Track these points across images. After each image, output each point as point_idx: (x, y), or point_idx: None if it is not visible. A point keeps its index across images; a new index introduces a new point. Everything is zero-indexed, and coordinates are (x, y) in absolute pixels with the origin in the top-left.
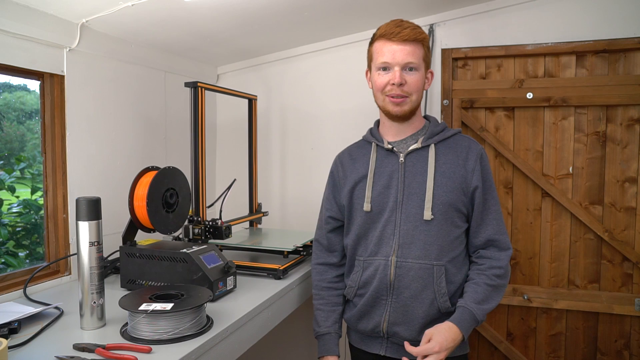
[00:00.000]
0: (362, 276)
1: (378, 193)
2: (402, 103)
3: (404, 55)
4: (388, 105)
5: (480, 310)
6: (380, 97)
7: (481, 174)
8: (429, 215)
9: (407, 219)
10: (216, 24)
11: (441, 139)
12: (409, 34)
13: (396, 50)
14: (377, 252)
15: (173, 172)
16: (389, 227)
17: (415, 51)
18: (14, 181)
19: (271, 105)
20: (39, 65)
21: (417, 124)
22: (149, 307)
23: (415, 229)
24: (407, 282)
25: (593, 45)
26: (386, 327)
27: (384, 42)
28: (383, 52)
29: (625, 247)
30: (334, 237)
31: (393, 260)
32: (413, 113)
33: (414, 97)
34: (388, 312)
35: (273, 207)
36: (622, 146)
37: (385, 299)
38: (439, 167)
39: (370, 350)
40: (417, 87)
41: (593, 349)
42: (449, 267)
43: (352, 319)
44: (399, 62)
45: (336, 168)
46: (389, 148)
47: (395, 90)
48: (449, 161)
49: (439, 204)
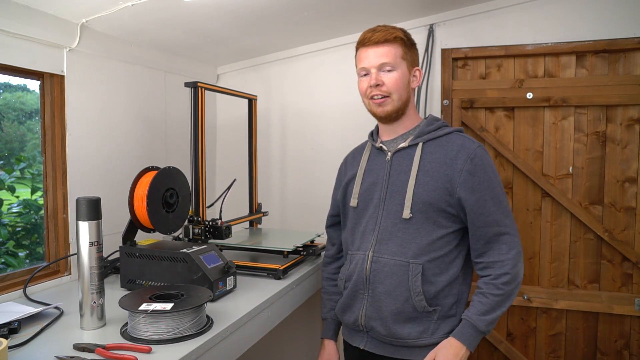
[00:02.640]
0: (349, 269)
1: (365, 190)
2: (384, 103)
3: (377, 57)
4: (373, 108)
5: (483, 321)
6: (366, 102)
7: (471, 173)
8: (407, 214)
9: (388, 216)
10: (216, 24)
11: (431, 137)
12: (379, 37)
13: (370, 54)
14: (359, 246)
15: (173, 172)
16: (371, 223)
17: (389, 51)
18: (14, 181)
19: (271, 105)
20: (39, 65)
21: (408, 123)
22: (149, 307)
23: (394, 226)
24: (381, 277)
25: (593, 45)
26: (364, 321)
27: (361, 49)
28: (361, 58)
29: (625, 247)
30: (332, 232)
31: (370, 255)
32: (401, 113)
33: (395, 96)
34: (365, 306)
35: (273, 207)
36: (622, 146)
37: (362, 293)
38: (423, 165)
39: (353, 344)
40: (397, 86)
41: (593, 349)
42: (428, 266)
43: (339, 311)
44: (373, 65)
45: (341, 168)
46: (379, 147)
47: (374, 91)
48: (435, 160)
49: (418, 202)
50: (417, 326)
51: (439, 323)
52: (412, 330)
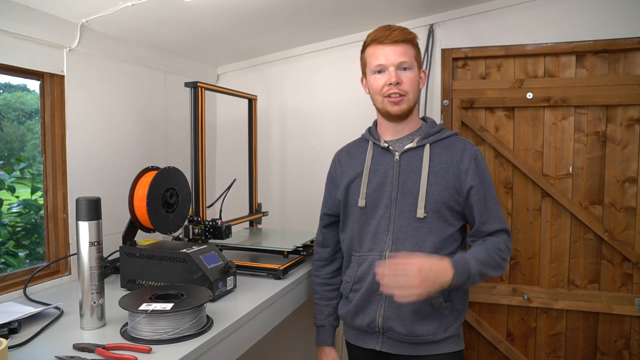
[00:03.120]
0: (358, 271)
1: (372, 190)
2: (401, 102)
3: (397, 56)
4: (387, 106)
5: (476, 264)
6: (379, 100)
7: (476, 173)
8: (422, 213)
9: (401, 215)
10: (216, 24)
11: (436, 139)
12: (398, 35)
13: (389, 52)
14: (372, 247)
15: (173, 172)
16: (383, 223)
17: (407, 51)
18: (14, 181)
19: (271, 105)
20: (39, 65)
21: (413, 124)
22: (149, 307)
23: (409, 225)
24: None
25: (593, 45)
26: (381, 322)
27: (375, 46)
28: (377, 55)
29: (625, 247)
30: (327, 233)
31: (387, 255)
32: (411, 112)
33: (411, 95)
34: (383, 306)
35: (273, 207)
36: (622, 146)
37: (380, 294)
38: (433, 166)
39: (366, 346)
40: (413, 86)
41: (593, 349)
42: None
43: (347, 315)
44: (392, 63)
45: (334, 165)
46: (385, 146)
47: (393, 89)
48: (443, 161)
49: (431, 202)
50: (433, 322)
51: (450, 317)
52: (429, 327)
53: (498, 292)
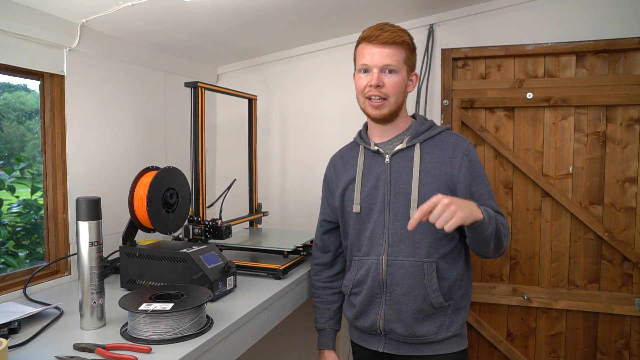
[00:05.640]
0: (357, 275)
1: (366, 194)
2: (381, 106)
3: (382, 58)
4: (367, 108)
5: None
6: (361, 100)
7: (469, 169)
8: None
9: (395, 217)
10: (216, 24)
11: (426, 137)
12: (387, 37)
13: (375, 53)
14: (369, 252)
15: (173, 172)
16: (378, 226)
17: (394, 54)
18: (14, 181)
19: (271, 105)
20: (39, 65)
21: (402, 124)
22: (149, 307)
23: (404, 227)
24: (398, 279)
25: (593, 45)
26: (382, 324)
27: (365, 44)
28: (364, 54)
29: (625, 247)
30: (327, 239)
31: (384, 259)
32: (395, 115)
33: (392, 99)
34: (383, 309)
35: (273, 207)
36: (622, 146)
37: (379, 297)
38: (424, 166)
39: (369, 347)
40: (396, 90)
41: (593, 349)
42: (440, 263)
43: (351, 317)
44: (377, 64)
45: (329, 172)
46: (375, 150)
47: (373, 92)
48: (435, 159)
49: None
50: (434, 322)
51: (452, 316)
52: (430, 327)
53: (498, 292)
